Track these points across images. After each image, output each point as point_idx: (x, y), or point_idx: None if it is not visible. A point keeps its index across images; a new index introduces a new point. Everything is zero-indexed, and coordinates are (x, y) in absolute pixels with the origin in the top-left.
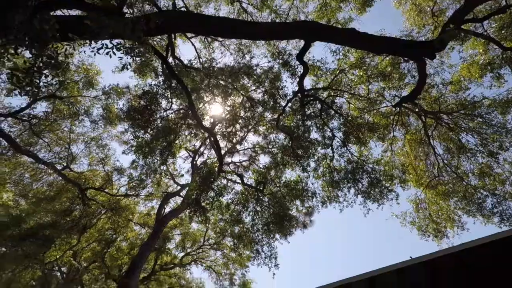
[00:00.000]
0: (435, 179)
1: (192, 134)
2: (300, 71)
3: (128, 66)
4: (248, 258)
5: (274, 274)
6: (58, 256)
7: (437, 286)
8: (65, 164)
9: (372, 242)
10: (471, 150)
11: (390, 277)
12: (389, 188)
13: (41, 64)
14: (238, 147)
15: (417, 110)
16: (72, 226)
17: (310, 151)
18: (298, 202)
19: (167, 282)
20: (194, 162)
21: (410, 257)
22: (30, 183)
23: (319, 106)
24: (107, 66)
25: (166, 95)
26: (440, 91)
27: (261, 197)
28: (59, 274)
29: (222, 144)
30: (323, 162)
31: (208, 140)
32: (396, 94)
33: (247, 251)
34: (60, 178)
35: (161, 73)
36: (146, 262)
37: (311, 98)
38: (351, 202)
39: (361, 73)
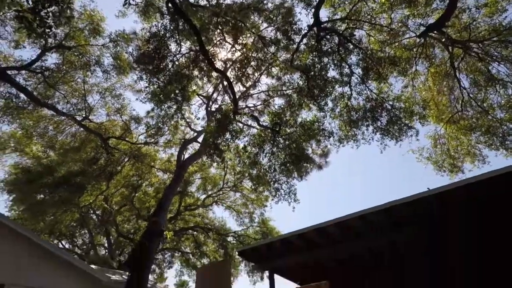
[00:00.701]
0: (457, 114)
1: (205, 79)
2: (315, 1)
3: (131, 1)
4: (266, 198)
5: (294, 208)
6: (91, 201)
7: (449, 217)
8: (84, 115)
9: (388, 178)
10: (501, 81)
11: (405, 208)
12: (409, 125)
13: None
14: (251, 91)
15: (443, 39)
16: (99, 174)
17: (327, 90)
18: (314, 142)
19: (192, 221)
20: (209, 108)
21: (428, 188)
22: (54, 135)
23: (336, 40)
24: (109, 13)
25: (174, 36)
26: (472, 16)
27: (277, 139)
28: (94, 216)
29: (235, 88)
30: (341, 101)
31: (221, 86)
32: (422, 22)
33: (266, 190)
34: (82, 129)
35: (166, 13)
36: (171, 204)
37: (328, 32)
38: (369, 140)
39: (383, 0)
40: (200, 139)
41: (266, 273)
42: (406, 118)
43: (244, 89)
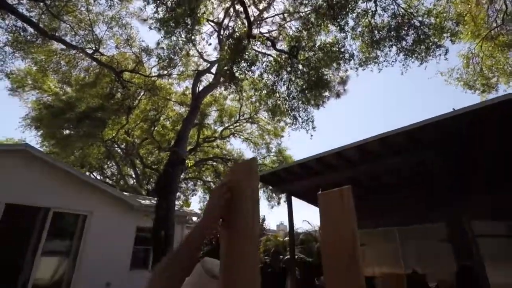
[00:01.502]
0: (496, 29)
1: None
2: None
3: None
4: (283, 129)
5: (311, 136)
6: (113, 135)
7: (478, 137)
8: (94, 48)
9: (409, 101)
10: None
11: (429, 130)
12: (438, 43)
13: None
14: (265, 15)
15: None
16: (118, 108)
17: (349, 6)
18: (333, 67)
19: (211, 152)
20: (220, 36)
21: (453, 108)
22: (68, 70)
23: None
24: None
25: None
26: None
27: (294, 64)
28: (119, 150)
29: (248, 11)
30: (363, 19)
31: (232, 10)
32: None
33: (283, 119)
34: (94, 63)
35: None
36: (190, 137)
37: None
38: (392, 61)
39: None
40: (213, 70)
41: (284, 198)
42: (435, 35)
43: (258, 12)
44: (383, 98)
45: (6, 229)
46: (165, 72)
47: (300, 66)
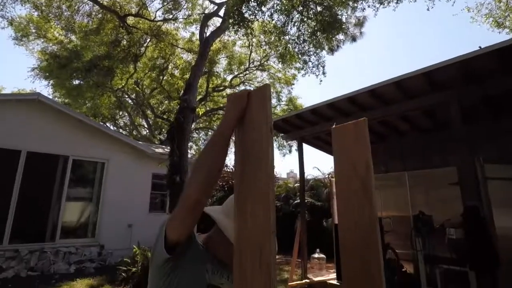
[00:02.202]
0: None
1: None
2: None
3: None
4: (294, 76)
5: (321, 81)
6: (123, 84)
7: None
8: None
9: (428, 44)
10: None
11: (451, 69)
12: None
13: None
14: None
15: None
16: (125, 56)
17: None
18: (349, 7)
19: (221, 102)
20: None
21: (480, 47)
22: (70, 15)
23: None
24: None
25: None
26: None
27: (307, 2)
28: (129, 100)
29: None
30: None
31: None
32: None
33: (293, 64)
34: (96, 7)
35: None
36: (200, 86)
37: None
38: None
39: None
40: (221, 13)
41: (295, 146)
42: None
43: None
44: (402, 42)
45: (31, 177)
46: (170, 16)
47: (313, 5)
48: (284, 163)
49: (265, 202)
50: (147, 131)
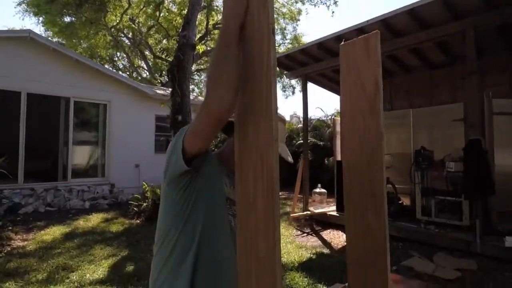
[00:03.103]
0: None
1: None
2: None
3: None
4: (299, 11)
5: (333, 12)
6: (117, 21)
7: None
8: None
9: None
10: None
11: None
12: None
13: None
14: None
15: None
16: None
17: None
18: None
19: None
20: None
21: None
22: None
23: None
24: None
25: None
26: None
27: None
28: (126, 40)
29: None
30: None
31: None
32: None
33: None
34: None
35: None
36: (199, 24)
37: None
38: None
39: None
40: None
41: (298, 88)
42: None
43: None
44: None
45: (35, 119)
46: None
47: None
48: (287, 105)
49: (267, 111)
50: (147, 73)
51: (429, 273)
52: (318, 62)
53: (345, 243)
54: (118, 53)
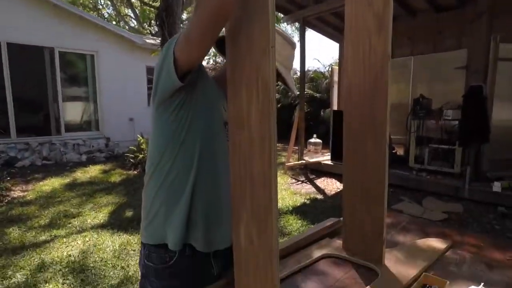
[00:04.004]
0: None
1: None
2: None
3: None
4: None
5: None
6: None
7: None
8: None
9: None
10: None
11: None
12: None
13: None
14: None
15: None
16: None
17: None
18: None
19: None
20: None
21: None
22: None
23: None
24: None
25: None
26: None
27: None
28: None
29: None
30: None
31: None
32: None
33: None
34: None
35: None
36: None
37: None
38: None
39: None
40: None
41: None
42: None
43: None
44: None
45: (19, 72)
46: None
47: None
48: None
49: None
50: (135, 22)
51: (418, 215)
52: (317, 3)
53: (339, 190)
54: (102, 1)
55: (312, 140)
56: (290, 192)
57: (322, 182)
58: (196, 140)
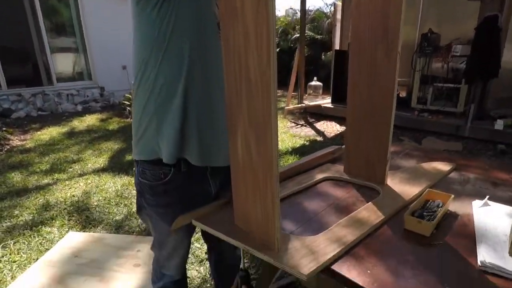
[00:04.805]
0: None
1: None
2: None
3: None
4: None
5: None
6: None
7: None
8: None
9: None
10: None
11: None
12: None
13: None
14: None
15: None
16: None
17: None
18: None
19: None
20: None
21: None
22: None
23: None
24: None
25: None
26: None
27: None
28: None
29: None
30: None
31: None
32: None
33: None
34: None
35: None
36: None
37: None
38: None
39: None
40: None
41: None
42: None
43: None
44: None
45: None
46: None
47: None
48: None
49: None
50: None
51: None
52: None
53: (339, 132)
54: None
55: (313, 83)
56: (290, 135)
57: (322, 125)
58: (183, 43)
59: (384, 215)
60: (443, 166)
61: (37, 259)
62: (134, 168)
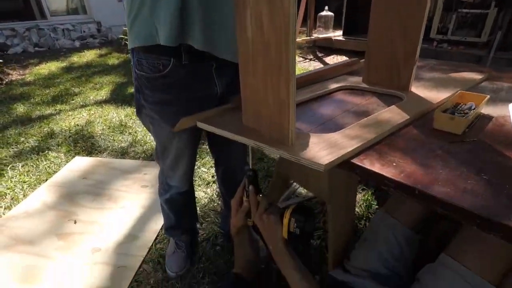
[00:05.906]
0: None
1: None
2: None
3: None
4: None
5: None
6: None
7: None
8: None
9: None
10: None
11: None
12: None
13: None
14: None
15: None
16: None
17: None
18: None
19: None
20: None
21: None
22: None
23: None
24: None
25: None
26: None
27: None
28: None
29: None
30: None
31: None
32: None
33: None
34: None
35: None
36: None
37: None
38: None
39: None
40: None
41: None
42: None
43: None
44: None
45: None
46: None
47: None
48: None
49: None
50: None
51: None
52: None
53: None
54: None
55: (323, 13)
56: (298, 69)
57: (332, 60)
58: None
59: (409, 115)
60: (474, 75)
61: (46, 179)
62: (130, 63)
